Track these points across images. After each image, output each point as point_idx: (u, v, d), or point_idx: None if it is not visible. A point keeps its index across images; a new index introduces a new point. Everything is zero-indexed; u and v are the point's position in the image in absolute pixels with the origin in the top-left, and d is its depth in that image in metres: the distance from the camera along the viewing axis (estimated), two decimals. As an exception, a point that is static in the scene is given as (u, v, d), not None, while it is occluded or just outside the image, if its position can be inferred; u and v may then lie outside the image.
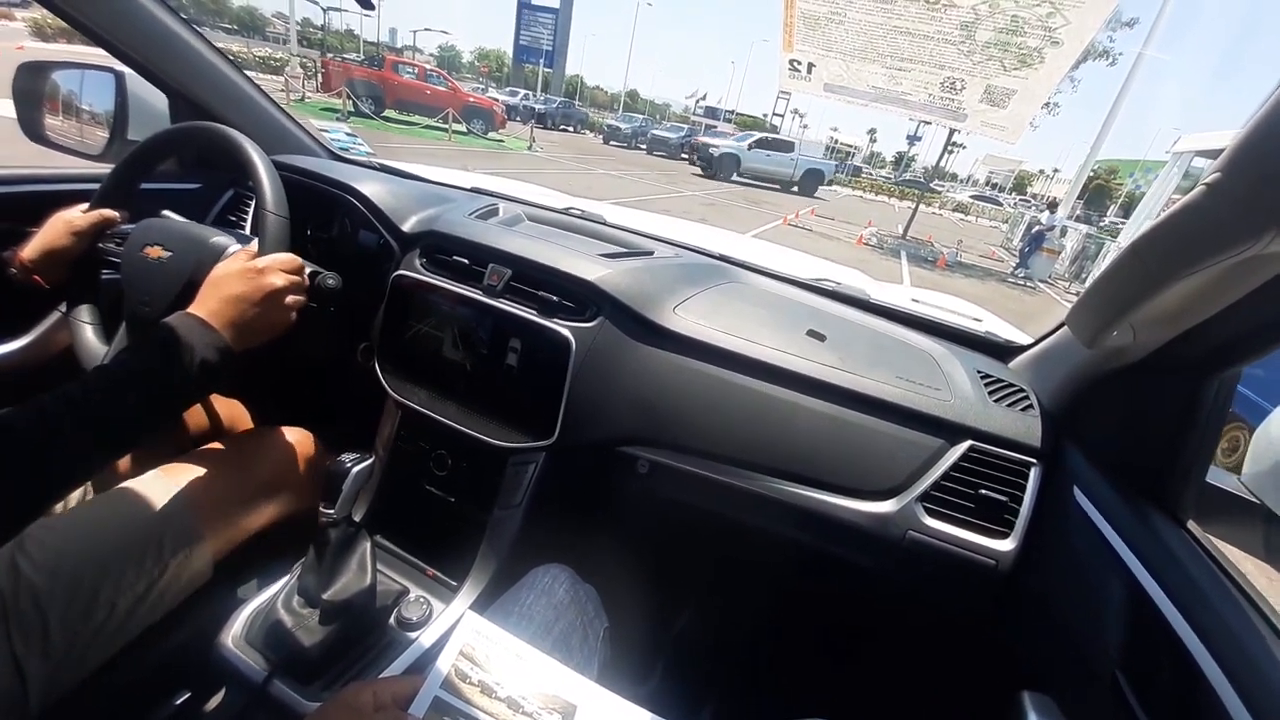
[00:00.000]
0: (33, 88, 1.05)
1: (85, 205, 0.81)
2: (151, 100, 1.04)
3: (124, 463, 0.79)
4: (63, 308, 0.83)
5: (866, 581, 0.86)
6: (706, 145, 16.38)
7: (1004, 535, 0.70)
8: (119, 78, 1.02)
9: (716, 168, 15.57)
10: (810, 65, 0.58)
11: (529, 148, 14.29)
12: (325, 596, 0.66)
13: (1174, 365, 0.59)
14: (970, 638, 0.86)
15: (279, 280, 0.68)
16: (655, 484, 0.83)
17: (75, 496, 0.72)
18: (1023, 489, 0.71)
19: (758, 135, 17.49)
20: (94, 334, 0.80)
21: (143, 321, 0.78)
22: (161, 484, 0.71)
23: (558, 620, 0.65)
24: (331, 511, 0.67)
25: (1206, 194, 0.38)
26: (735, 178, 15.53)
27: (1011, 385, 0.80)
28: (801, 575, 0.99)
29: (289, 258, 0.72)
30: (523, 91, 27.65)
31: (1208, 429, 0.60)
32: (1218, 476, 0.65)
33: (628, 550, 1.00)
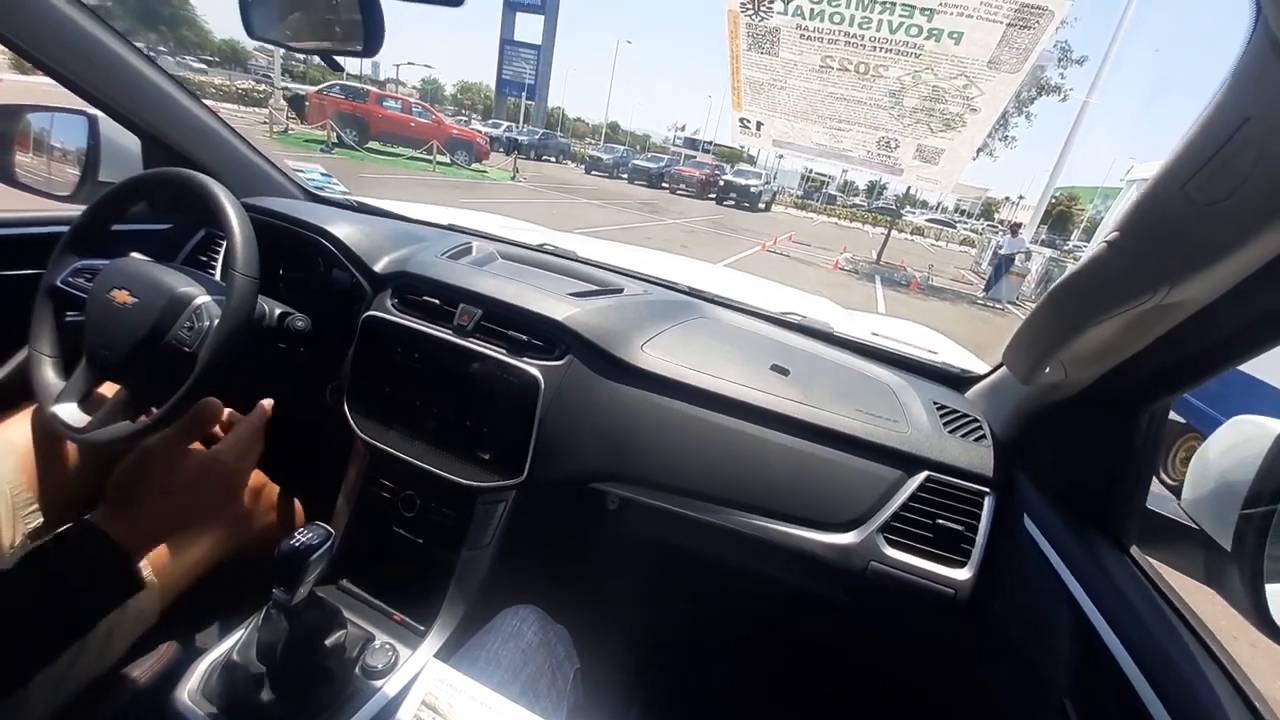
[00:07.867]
0: (4, 130, 1.05)
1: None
2: (123, 142, 1.05)
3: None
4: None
5: (836, 614, 0.87)
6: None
7: (961, 564, 0.72)
8: (92, 120, 1.03)
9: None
10: (759, 123, 0.62)
11: (512, 177, 14.52)
12: (284, 657, 0.63)
13: (1107, 398, 0.62)
14: (936, 666, 0.87)
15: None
16: (625, 520, 0.83)
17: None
18: (978, 518, 0.74)
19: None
20: (52, 369, 0.79)
21: (101, 366, 0.78)
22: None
23: (526, 664, 0.65)
24: (286, 597, 0.59)
25: (1108, 251, 0.42)
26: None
27: (965, 416, 0.83)
28: (773, 611, 0.99)
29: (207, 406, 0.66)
30: (505, 123, 28.12)
31: (1143, 457, 0.63)
32: (1159, 502, 0.68)
33: (599, 589, 0.99)
